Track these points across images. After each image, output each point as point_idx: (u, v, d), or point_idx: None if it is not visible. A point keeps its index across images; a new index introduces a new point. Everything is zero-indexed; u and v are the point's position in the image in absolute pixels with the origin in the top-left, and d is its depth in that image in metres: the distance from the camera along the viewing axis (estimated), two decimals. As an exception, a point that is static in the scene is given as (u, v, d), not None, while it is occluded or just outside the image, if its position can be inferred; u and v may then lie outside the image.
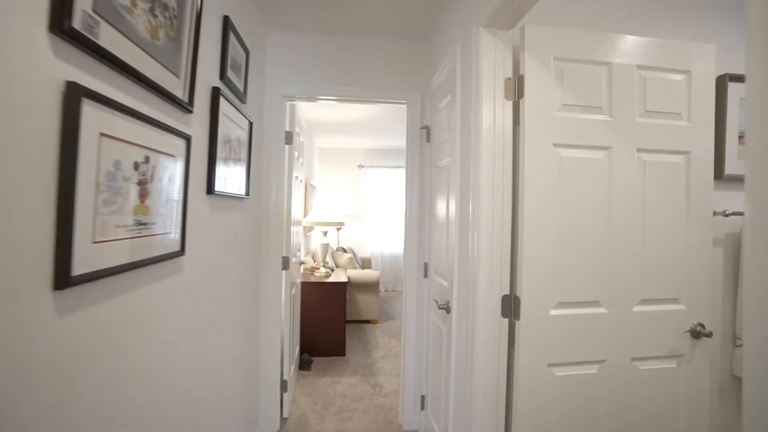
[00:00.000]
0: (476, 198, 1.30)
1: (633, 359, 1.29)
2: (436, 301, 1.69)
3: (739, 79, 1.48)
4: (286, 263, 2.26)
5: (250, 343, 1.90)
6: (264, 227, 2.11)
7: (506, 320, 1.28)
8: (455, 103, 1.54)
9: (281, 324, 2.25)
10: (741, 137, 1.52)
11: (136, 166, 0.79)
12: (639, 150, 1.27)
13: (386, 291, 5.98)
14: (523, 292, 1.21)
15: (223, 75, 1.36)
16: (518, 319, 1.23)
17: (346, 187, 6.23)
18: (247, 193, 1.72)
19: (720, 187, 1.46)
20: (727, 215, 1.43)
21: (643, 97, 1.28)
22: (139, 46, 0.78)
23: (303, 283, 3.29)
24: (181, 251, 1.02)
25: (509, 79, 1.28)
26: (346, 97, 2.20)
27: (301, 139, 2.92)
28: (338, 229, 5.75)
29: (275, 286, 2.13)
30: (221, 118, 1.32)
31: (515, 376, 1.24)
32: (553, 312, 1.23)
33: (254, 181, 1.90)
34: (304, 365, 3.05)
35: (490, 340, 1.28)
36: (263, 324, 2.11)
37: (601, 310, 1.26)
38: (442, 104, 1.82)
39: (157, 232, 0.89)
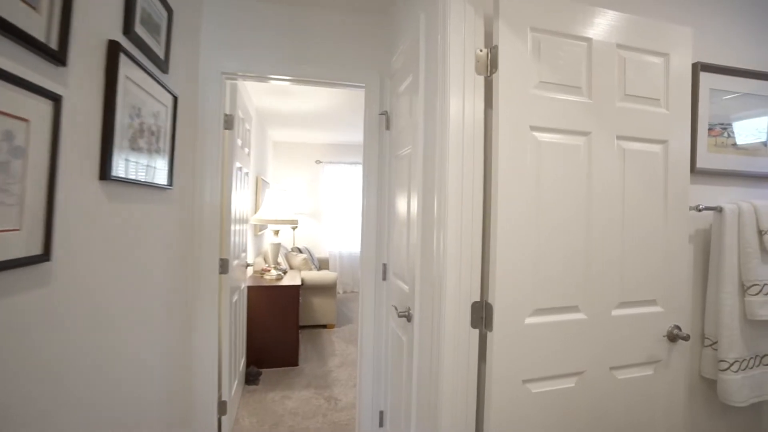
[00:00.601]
0: (442, 190, 1.12)
1: (611, 368, 1.17)
2: (396, 308, 1.50)
3: (710, 68, 1.42)
4: (225, 266, 1.96)
5: (179, 364, 1.59)
6: (197, 224, 1.80)
7: (476, 331, 1.11)
8: (418, 81, 1.35)
9: (219, 336, 1.95)
10: (711, 129, 1.46)
11: (-67, 124, 0.51)
12: (619, 137, 1.15)
13: (344, 292, 5.73)
14: (496, 299, 1.04)
15: (128, 29, 1.07)
16: (490, 329, 1.06)
17: (303, 184, 5.91)
18: (170, 183, 1.41)
19: (692, 181, 1.38)
20: (700, 210, 1.36)
21: (622, 80, 1.16)
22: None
23: (250, 288, 2.97)
24: (45, 255, 0.73)
25: (481, 51, 1.10)
26: (296, 77, 1.94)
27: (247, 127, 2.61)
28: (294, 228, 5.43)
29: (210, 293, 1.83)
30: (124, 83, 1.03)
31: (487, 396, 1.07)
32: (529, 320, 1.07)
33: (182, 169, 1.60)
34: (250, 379, 2.74)
35: (459, 353, 1.11)
36: (197, 338, 1.80)
37: (580, 315, 1.12)
38: (403, 86, 1.62)
39: (-11, 228, 0.60)
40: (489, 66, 1.10)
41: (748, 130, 1.54)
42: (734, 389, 1.37)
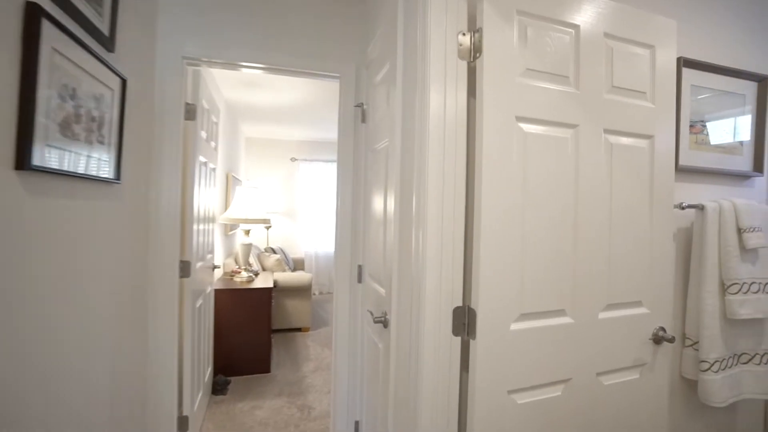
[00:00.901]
0: (421, 185, 1.03)
1: (598, 374, 1.11)
2: (372, 313, 1.40)
3: (692, 64, 1.39)
4: (186, 269, 1.80)
5: (131, 380, 1.43)
6: (154, 224, 1.63)
7: (458, 338, 1.03)
8: (396, 69, 1.25)
9: (180, 346, 1.79)
10: (692, 126, 1.44)
11: None
12: (606, 131, 1.10)
13: (321, 294, 5.58)
14: (480, 303, 0.96)
15: (57, -6, 0.91)
16: (473, 337, 0.98)
17: (278, 182, 5.71)
18: (118, 177, 1.25)
19: (675, 178, 1.35)
20: (683, 208, 1.33)
21: (610, 70, 1.10)
22: None
23: (218, 291, 2.79)
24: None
25: (464, 34, 1.02)
26: (267, 65, 1.80)
27: (214, 119, 2.43)
28: (267, 228, 5.24)
29: (169, 298, 1.67)
30: (50, 56, 0.87)
31: (470, 409, 0.98)
32: (515, 326, 0.99)
33: (135, 161, 1.43)
34: (218, 389, 2.57)
35: (439, 362, 1.02)
36: (153, 350, 1.63)
37: (567, 320, 1.05)
38: (380, 76, 1.52)
39: None
40: (472, 51, 1.01)
41: (722, 129, 1.54)
42: (715, 389, 1.35)
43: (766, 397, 1.45)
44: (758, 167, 1.59)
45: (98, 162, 1.13)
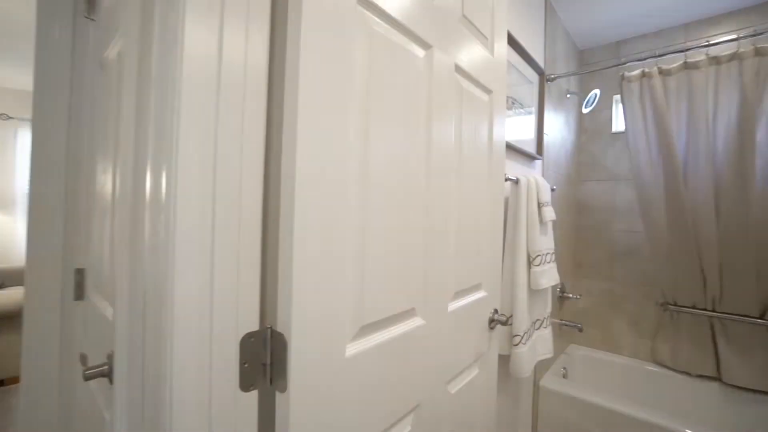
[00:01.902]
0: (170, 114, 0.49)
1: (447, 382, 0.86)
2: (85, 357, 0.74)
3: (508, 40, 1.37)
4: None
5: None
6: None
7: (253, 394, 0.55)
8: None
9: None
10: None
11: None
12: (457, 68, 0.85)
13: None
14: (294, 322, 0.52)
15: None
16: (283, 388, 0.52)
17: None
18: None
19: (496, 150, 1.29)
20: (505, 180, 1.28)
21: (460, -9, 0.86)
22: None
23: None
24: None
25: None
26: None
27: None
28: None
29: None
30: None
31: None
32: (353, 348, 0.60)
33: None
34: None
35: (216, 444, 0.52)
36: None
37: (418, 321, 0.75)
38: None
39: None
40: None
41: (521, 111, 1.63)
42: (524, 361, 1.37)
43: (549, 354, 1.62)
44: (539, 151, 1.78)
45: None
